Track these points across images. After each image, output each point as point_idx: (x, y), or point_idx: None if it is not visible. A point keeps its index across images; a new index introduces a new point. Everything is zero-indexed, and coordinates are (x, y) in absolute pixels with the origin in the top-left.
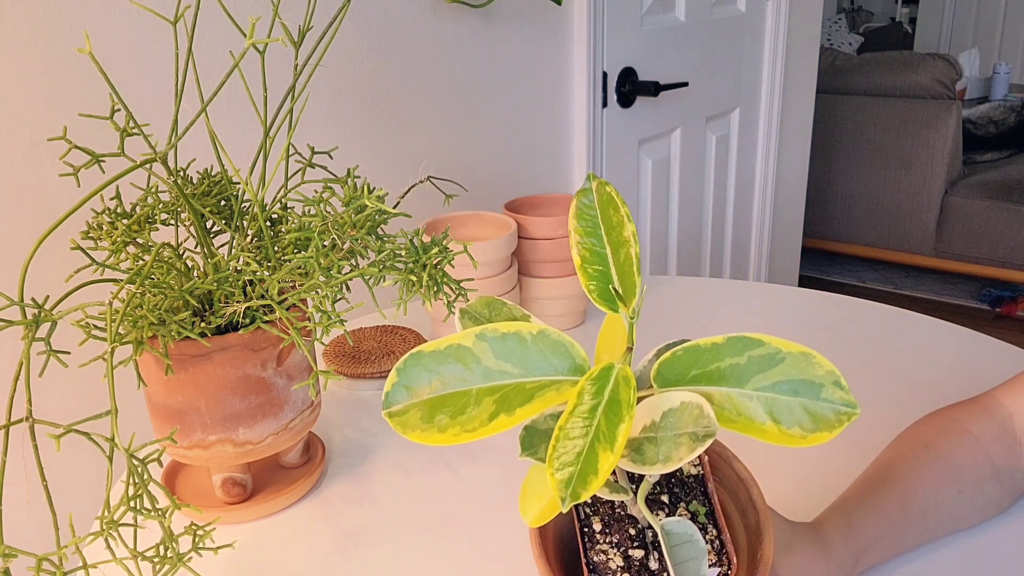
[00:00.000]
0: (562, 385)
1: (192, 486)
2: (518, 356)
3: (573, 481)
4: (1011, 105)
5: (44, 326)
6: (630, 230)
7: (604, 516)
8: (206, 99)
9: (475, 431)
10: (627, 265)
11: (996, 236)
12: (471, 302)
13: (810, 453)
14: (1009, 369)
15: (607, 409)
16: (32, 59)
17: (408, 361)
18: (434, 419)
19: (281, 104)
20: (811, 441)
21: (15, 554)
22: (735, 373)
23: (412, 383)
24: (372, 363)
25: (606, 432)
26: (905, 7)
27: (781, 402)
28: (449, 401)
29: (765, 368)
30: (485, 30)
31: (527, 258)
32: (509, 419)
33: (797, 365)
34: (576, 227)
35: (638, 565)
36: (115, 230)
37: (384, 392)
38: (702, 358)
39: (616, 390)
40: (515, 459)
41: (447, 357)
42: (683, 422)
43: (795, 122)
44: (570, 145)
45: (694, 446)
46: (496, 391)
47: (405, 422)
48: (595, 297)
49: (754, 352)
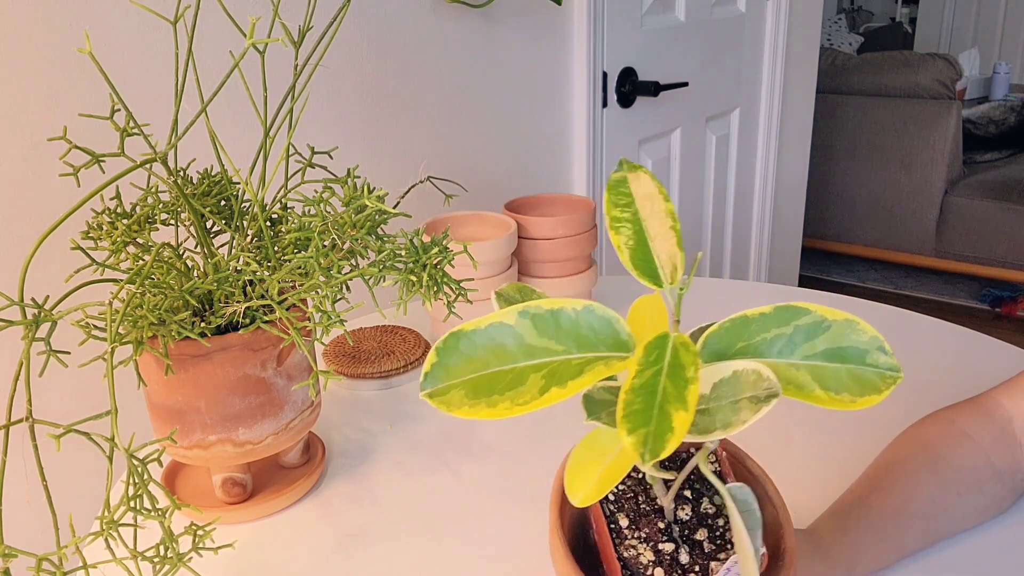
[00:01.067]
0: (610, 360)
1: (192, 486)
2: (563, 332)
3: (650, 439)
4: (1011, 105)
5: (44, 326)
6: (668, 207)
7: (630, 512)
8: (206, 99)
9: (527, 404)
10: (668, 240)
11: (996, 236)
12: (503, 286)
13: (808, 454)
14: (1009, 369)
15: (670, 372)
16: (32, 59)
17: (448, 341)
18: (480, 396)
19: (281, 104)
20: (860, 404)
21: (15, 554)
22: (781, 343)
23: (452, 363)
24: (372, 363)
25: (674, 394)
26: (905, 7)
27: (828, 370)
28: (493, 380)
29: (811, 337)
30: (485, 30)
31: (527, 258)
32: (562, 391)
33: (842, 332)
34: (613, 208)
35: (669, 559)
36: (115, 230)
37: (423, 372)
38: (748, 329)
39: (676, 355)
40: (515, 459)
41: (488, 336)
42: (739, 388)
43: (795, 122)
44: (570, 145)
45: (757, 408)
46: (542, 368)
47: (448, 401)
48: (638, 274)
49: (800, 321)
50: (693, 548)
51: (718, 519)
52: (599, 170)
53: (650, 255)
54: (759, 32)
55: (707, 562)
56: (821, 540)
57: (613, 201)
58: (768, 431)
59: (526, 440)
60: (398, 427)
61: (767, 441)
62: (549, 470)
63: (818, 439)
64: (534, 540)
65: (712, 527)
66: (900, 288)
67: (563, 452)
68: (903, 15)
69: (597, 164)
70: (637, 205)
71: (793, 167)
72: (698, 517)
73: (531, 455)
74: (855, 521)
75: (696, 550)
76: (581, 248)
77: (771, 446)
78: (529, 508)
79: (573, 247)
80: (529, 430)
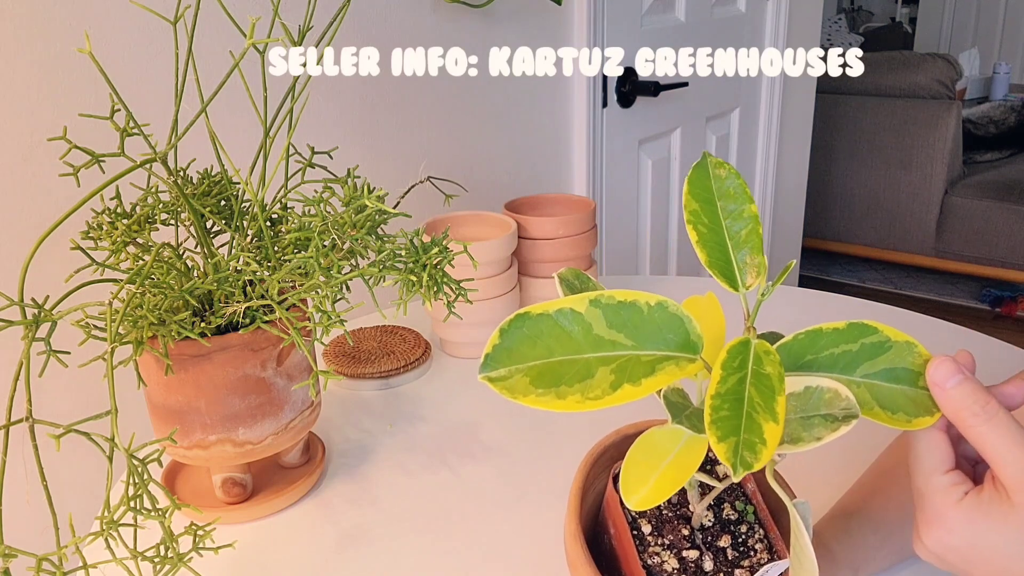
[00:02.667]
0: (681, 360)
1: (192, 486)
2: (633, 326)
3: (740, 449)
4: (1011, 105)
5: (44, 326)
6: (751, 210)
7: (652, 518)
8: (206, 99)
9: (599, 400)
10: (750, 242)
11: (996, 236)
12: (562, 270)
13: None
14: (1009, 369)
15: (755, 381)
16: (32, 59)
17: (513, 323)
18: (547, 385)
19: (281, 104)
20: (915, 425)
21: (15, 554)
22: (845, 360)
23: (516, 346)
24: (372, 363)
25: (761, 404)
26: (905, 7)
27: (884, 389)
28: (560, 369)
29: (874, 355)
30: (485, 30)
31: (527, 258)
32: (635, 390)
33: (901, 354)
34: (692, 203)
35: (693, 567)
36: (115, 230)
37: (484, 354)
38: (820, 343)
39: (760, 363)
40: (515, 460)
41: (555, 322)
42: (813, 404)
43: (795, 122)
44: (570, 145)
45: (835, 427)
46: (611, 361)
47: (512, 387)
48: (717, 274)
49: (868, 339)
50: (717, 555)
51: (740, 525)
52: (599, 170)
53: (728, 256)
54: (759, 32)
55: (731, 569)
56: (825, 542)
57: (692, 195)
58: None
59: (526, 441)
60: (398, 427)
61: None
62: (549, 470)
63: None
64: (534, 540)
65: (735, 534)
66: (900, 288)
67: (563, 452)
68: (903, 15)
69: (597, 164)
70: (718, 203)
71: (793, 167)
72: (721, 523)
73: (531, 456)
74: (858, 524)
75: (720, 557)
76: (581, 248)
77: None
78: (529, 508)
79: (573, 247)
80: (528, 431)
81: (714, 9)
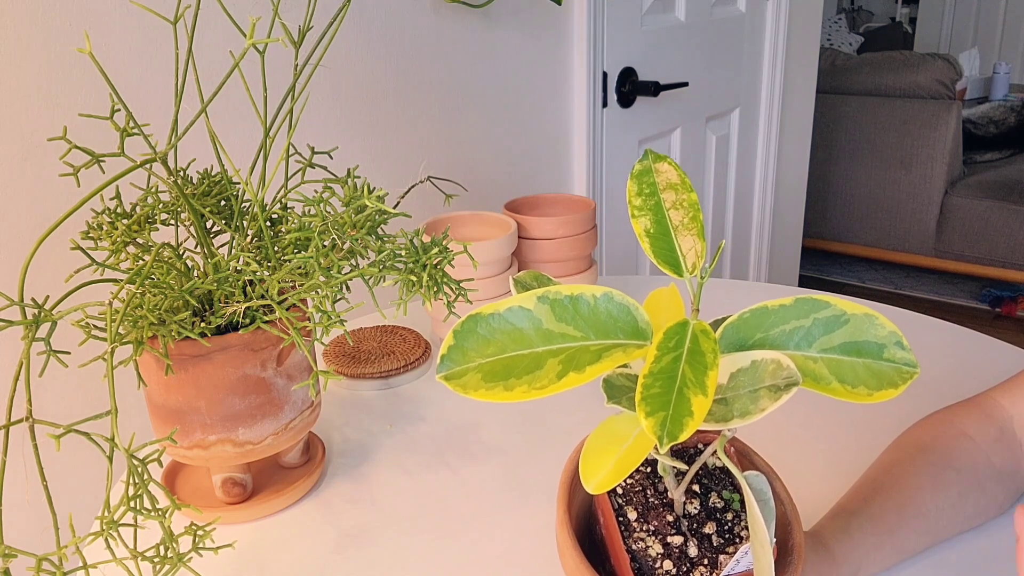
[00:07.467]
0: (628, 347)
1: (192, 486)
2: (582, 318)
3: (668, 422)
4: (1011, 105)
5: (44, 326)
6: (692, 198)
7: (638, 505)
8: (206, 99)
9: (544, 388)
10: (691, 229)
11: (996, 236)
12: (520, 273)
13: (808, 456)
14: (1009, 369)
15: (689, 359)
16: (32, 59)
17: (466, 324)
18: (496, 380)
19: (281, 104)
20: (877, 398)
21: (15, 554)
22: (799, 336)
23: (469, 345)
24: (372, 363)
25: (693, 379)
26: (905, 7)
27: (845, 363)
28: (510, 364)
29: (830, 330)
30: (485, 30)
31: (527, 258)
32: (579, 376)
33: (860, 326)
34: (636, 197)
35: (678, 552)
36: (115, 230)
37: (440, 355)
38: (768, 320)
39: (696, 341)
40: (515, 459)
41: (506, 320)
42: (758, 377)
43: (795, 122)
44: (570, 145)
45: (777, 396)
46: (560, 353)
47: (465, 384)
48: (660, 262)
49: (820, 314)
50: (702, 541)
51: (726, 513)
52: (599, 170)
53: (672, 244)
54: (759, 32)
55: (716, 555)
56: (824, 542)
57: (636, 190)
58: (770, 431)
59: (526, 440)
60: (398, 427)
61: (769, 441)
62: (549, 470)
63: (820, 440)
64: (534, 540)
65: (721, 521)
66: (900, 288)
67: (563, 452)
68: (903, 15)
69: (597, 164)
70: (660, 195)
71: (793, 167)
72: (707, 511)
73: (531, 455)
74: (858, 523)
75: (705, 543)
76: (581, 248)
77: (773, 447)
78: (529, 508)
79: (573, 247)
80: (529, 430)
81: (714, 9)
